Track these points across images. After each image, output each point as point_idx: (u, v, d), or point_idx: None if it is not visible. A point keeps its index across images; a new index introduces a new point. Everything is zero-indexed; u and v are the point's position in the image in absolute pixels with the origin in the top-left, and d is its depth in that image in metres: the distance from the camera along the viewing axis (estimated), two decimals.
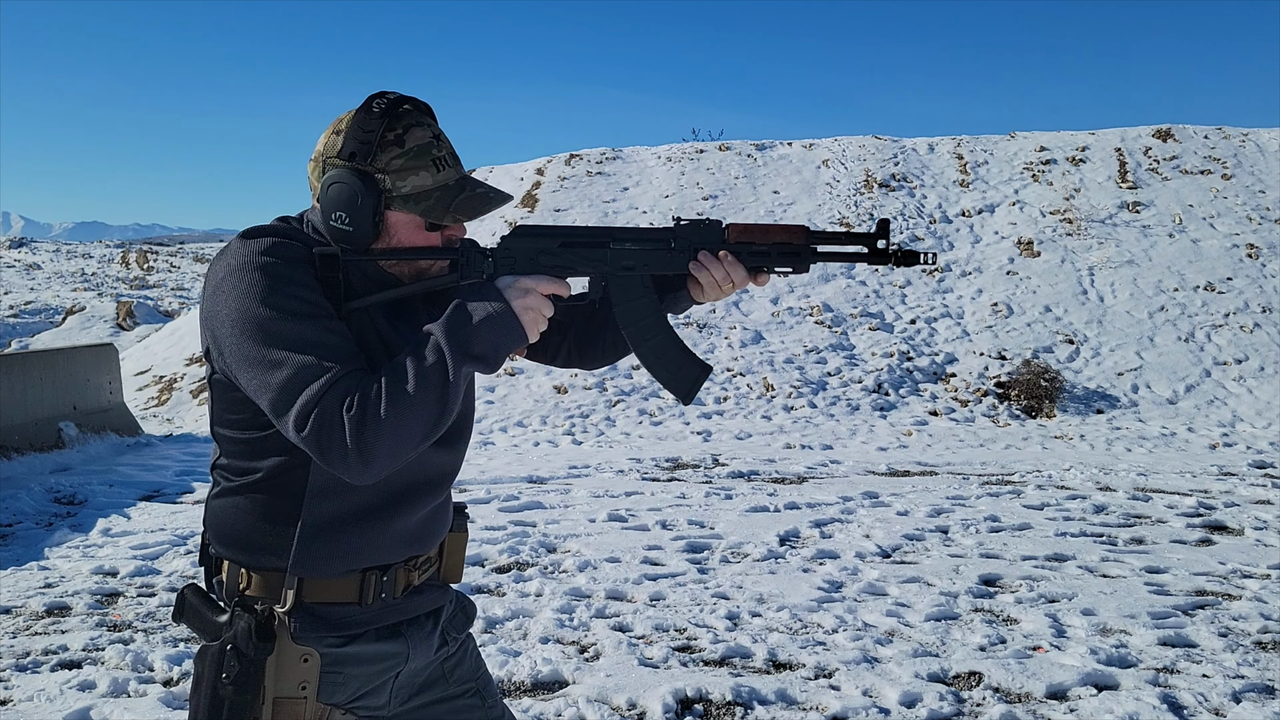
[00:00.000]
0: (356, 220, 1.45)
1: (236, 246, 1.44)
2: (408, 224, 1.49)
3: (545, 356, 1.76)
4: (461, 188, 1.49)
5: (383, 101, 1.46)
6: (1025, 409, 10.20)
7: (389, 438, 1.34)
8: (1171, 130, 15.65)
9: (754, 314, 11.91)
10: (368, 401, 1.34)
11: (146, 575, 4.96)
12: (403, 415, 1.34)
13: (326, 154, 1.48)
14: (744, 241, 1.56)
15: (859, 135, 16.62)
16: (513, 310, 1.44)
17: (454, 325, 1.40)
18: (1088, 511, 6.38)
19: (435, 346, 1.39)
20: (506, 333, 1.43)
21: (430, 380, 1.36)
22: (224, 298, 1.40)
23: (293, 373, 1.35)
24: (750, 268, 1.56)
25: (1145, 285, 12.27)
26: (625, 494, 6.89)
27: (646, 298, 1.59)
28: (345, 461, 1.34)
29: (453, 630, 1.68)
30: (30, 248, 42.26)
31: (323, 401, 1.33)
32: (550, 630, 4.13)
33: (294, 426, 1.34)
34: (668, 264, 1.57)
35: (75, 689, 3.53)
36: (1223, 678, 3.65)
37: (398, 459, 1.37)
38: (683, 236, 1.56)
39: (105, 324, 19.85)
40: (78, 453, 8.18)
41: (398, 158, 1.45)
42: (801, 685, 3.57)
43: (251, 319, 1.37)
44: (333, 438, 1.33)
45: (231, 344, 1.39)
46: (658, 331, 1.60)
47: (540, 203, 14.71)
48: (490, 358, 1.42)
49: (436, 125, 1.52)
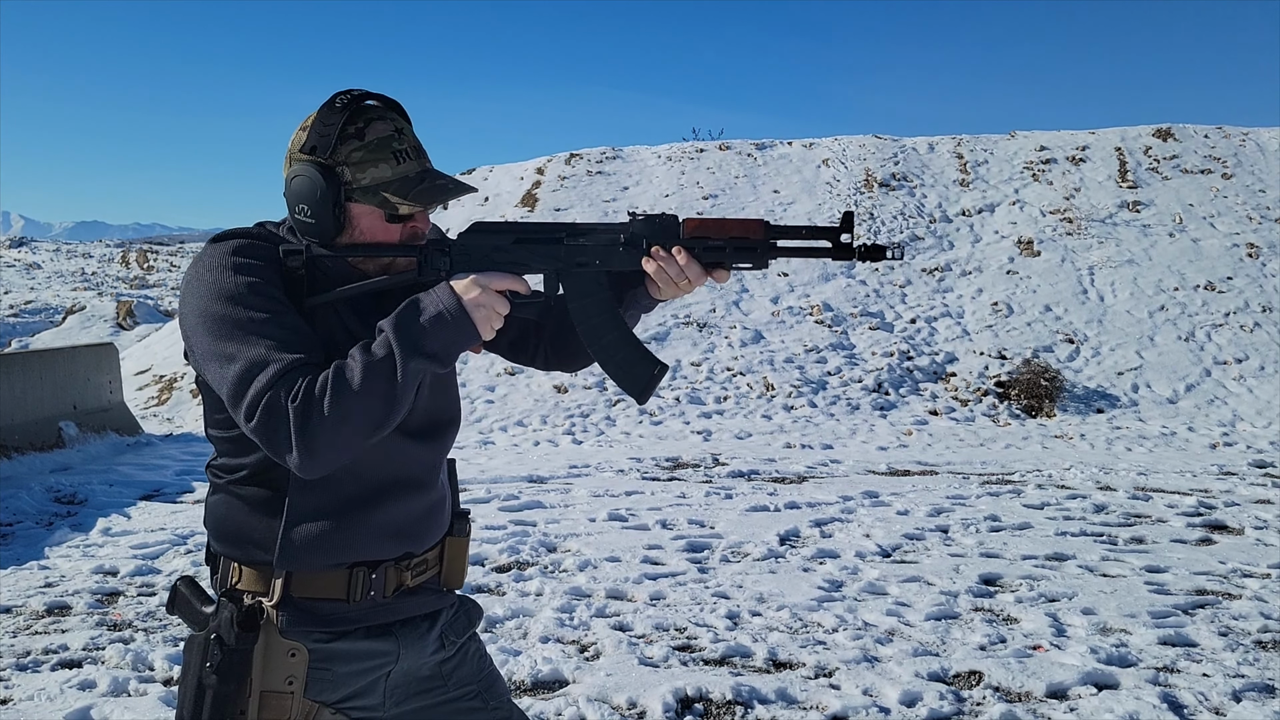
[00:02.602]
0: (318, 212, 1.48)
1: (205, 250, 1.49)
2: (369, 216, 1.50)
3: (525, 358, 1.76)
4: (420, 179, 1.50)
5: (345, 97, 1.49)
6: (1025, 408, 10.20)
7: (330, 431, 1.35)
8: (1171, 130, 15.65)
9: (754, 313, 11.91)
10: (312, 394, 1.36)
11: (146, 575, 4.96)
12: (347, 409, 1.36)
13: (292, 150, 1.51)
14: (699, 236, 1.53)
15: (859, 135, 16.62)
16: (464, 307, 1.44)
17: (404, 322, 1.42)
18: (1088, 511, 6.38)
19: (384, 342, 1.41)
20: (457, 330, 1.44)
21: (376, 375, 1.38)
22: (190, 298, 1.45)
23: (245, 366, 1.38)
24: (706, 263, 1.52)
25: (1145, 285, 12.27)
26: (625, 493, 6.89)
27: (600, 295, 1.56)
28: (290, 453, 1.36)
29: (452, 634, 1.67)
30: (30, 247, 42.26)
31: (270, 393, 1.36)
32: (550, 629, 4.13)
33: (244, 417, 1.38)
34: (621, 260, 1.54)
35: (75, 688, 3.53)
36: (1223, 677, 3.65)
37: (343, 453, 1.38)
38: (636, 231, 1.54)
39: (105, 323, 19.85)
40: (78, 452, 8.18)
41: (357, 150, 1.47)
42: (802, 684, 3.57)
43: (211, 316, 1.42)
44: (278, 429, 1.35)
45: (196, 341, 1.43)
46: (611, 329, 1.58)
47: (540, 202, 14.71)
48: (441, 355, 1.43)
49: (401, 120, 1.53)
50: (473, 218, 14.21)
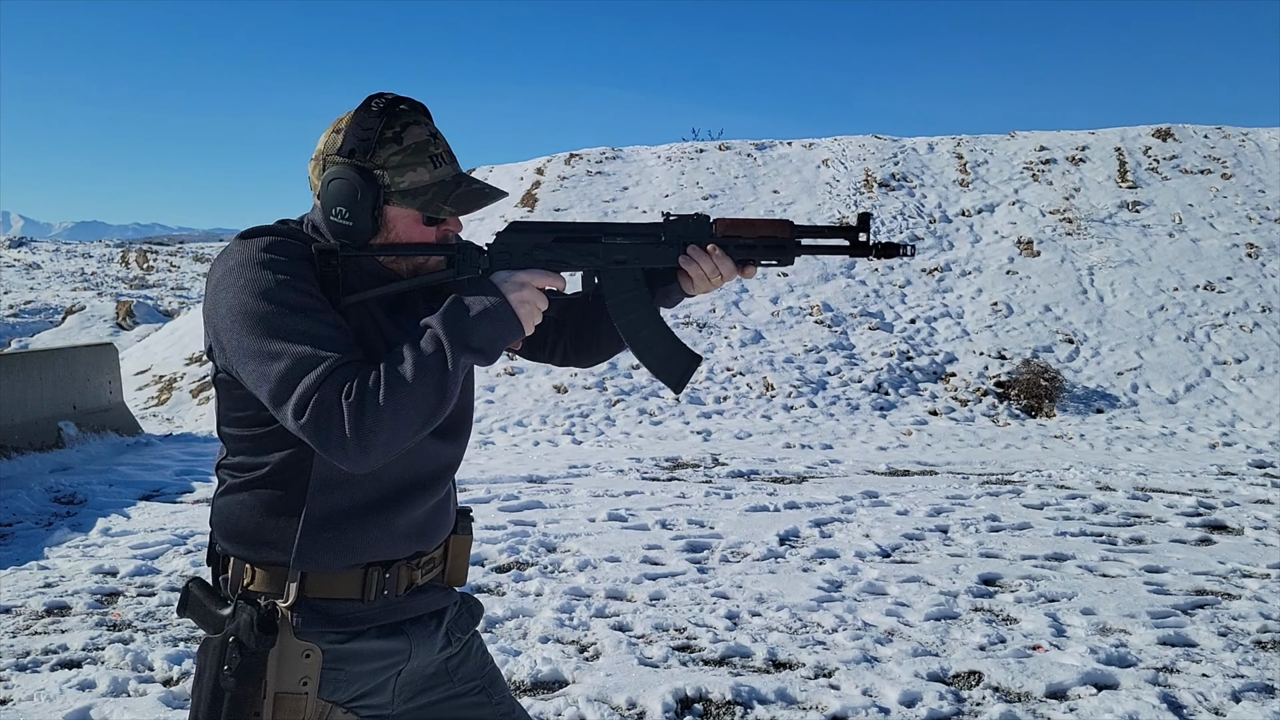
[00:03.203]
0: (356, 215, 1.48)
1: (236, 246, 1.47)
2: (406, 219, 1.52)
3: (543, 355, 1.79)
4: (458, 183, 1.53)
5: (381, 101, 1.50)
6: (1025, 408, 10.20)
7: (387, 425, 1.36)
8: (1171, 130, 15.65)
9: (754, 313, 11.91)
10: (366, 389, 1.36)
11: (146, 575, 4.96)
12: (401, 403, 1.37)
13: (327, 152, 1.51)
14: (731, 235, 1.61)
15: (859, 135, 16.62)
16: (509, 303, 1.47)
17: (452, 318, 1.43)
18: (1087, 511, 6.39)
19: (433, 338, 1.42)
20: (503, 325, 1.46)
21: (428, 370, 1.39)
22: (224, 295, 1.43)
23: (291, 363, 1.37)
24: (737, 260, 1.61)
25: (1145, 285, 12.28)
26: (625, 493, 6.89)
27: (638, 291, 1.63)
28: (344, 449, 1.36)
29: (457, 631, 1.69)
30: (30, 247, 42.27)
31: (321, 389, 1.35)
32: (550, 630, 4.13)
33: (292, 414, 1.37)
34: (658, 258, 1.61)
35: (75, 688, 3.53)
36: (1222, 677, 3.65)
37: (395, 447, 1.39)
38: (672, 231, 1.61)
39: (105, 323, 19.86)
40: (78, 452, 8.18)
41: (396, 154, 1.48)
42: (801, 685, 3.57)
43: (250, 313, 1.40)
44: (331, 425, 1.35)
45: (231, 339, 1.42)
46: (649, 323, 1.64)
47: (540, 202, 14.71)
48: (487, 350, 1.45)
49: (433, 124, 1.55)
50: (473, 217, 14.22)
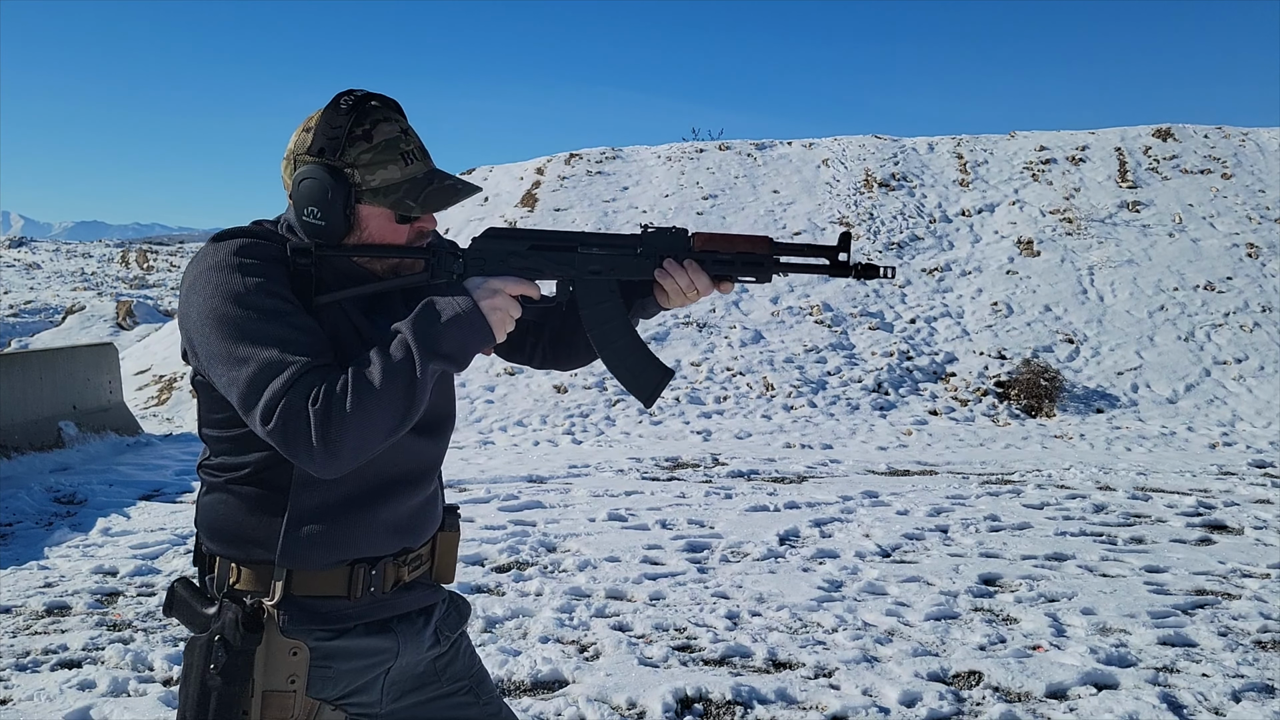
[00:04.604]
0: (328, 214, 1.47)
1: (208, 249, 1.47)
2: (378, 217, 1.51)
3: (522, 357, 1.79)
4: (429, 180, 1.52)
5: (350, 98, 1.49)
6: (1025, 408, 10.20)
7: (354, 432, 1.35)
8: (1171, 130, 15.65)
9: (754, 313, 11.91)
10: (333, 395, 1.35)
11: (146, 575, 4.96)
12: (368, 410, 1.36)
13: (297, 151, 1.51)
14: (709, 250, 1.60)
15: (859, 135, 16.62)
16: (480, 310, 1.46)
17: (422, 323, 1.43)
18: (1087, 511, 6.38)
19: (402, 344, 1.41)
20: (474, 332, 1.45)
21: (397, 376, 1.38)
22: (195, 298, 1.43)
23: (258, 368, 1.36)
24: (714, 276, 1.60)
25: (1145, 285, 12.27)
26: (625, 493, 6.89)
27: (612, 302, 1.62)
28: (311, 455, 1.35)
29: (445, 629, 1.69)
30: (30, 247, 42.26)
31: (288, 395, 1.35)
32: (550, 629, 4.13)
33: (260, 420, 1.36)
34: (634, 270, 1.60)
35: (75, 688, 3.54)
36: (1222, 677, 3.65)
37: (363, 453, 1.38)
38: (649, 243, 1.60)
39: (105, 323, 19.85)
40: (77, 452, 8.17)
41: (366, 152, 1.48)
42: (801, 684, 3.57)
43: (219, 317, 1.40)
44: (298, 431, 1.34)
45: (202, 342, 1.41)
46: (622, 335, 1.63)
47: (540, 202, 14.70)
48: (457, 356, 1.44)
49: (404, 120, 1.54)
50: (472, 218, 14.21)
